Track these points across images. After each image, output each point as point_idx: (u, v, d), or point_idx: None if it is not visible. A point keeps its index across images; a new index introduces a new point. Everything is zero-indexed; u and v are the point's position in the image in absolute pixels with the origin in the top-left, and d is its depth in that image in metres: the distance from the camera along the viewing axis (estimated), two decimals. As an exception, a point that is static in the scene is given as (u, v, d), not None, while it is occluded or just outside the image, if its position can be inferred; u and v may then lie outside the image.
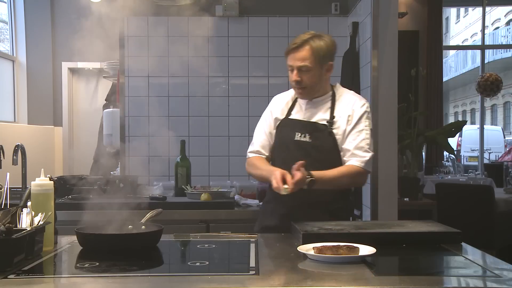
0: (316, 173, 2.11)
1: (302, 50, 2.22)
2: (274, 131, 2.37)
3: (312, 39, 2.24)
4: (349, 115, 2.27)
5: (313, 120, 2.30)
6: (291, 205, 2.21)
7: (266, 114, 2.43)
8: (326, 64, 2.28)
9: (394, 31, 3.83)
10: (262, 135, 2.40)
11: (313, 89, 2.28)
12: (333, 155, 2.25)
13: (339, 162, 2.26)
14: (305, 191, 2.09)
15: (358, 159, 2.22)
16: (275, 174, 2.06)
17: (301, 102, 2.36)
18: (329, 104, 2.31)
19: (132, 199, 2.54)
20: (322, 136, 2.26)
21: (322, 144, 2.25)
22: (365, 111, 2.31)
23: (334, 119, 2.27)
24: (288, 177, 2.04)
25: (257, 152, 2.39)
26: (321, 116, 2.30)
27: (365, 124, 2.28)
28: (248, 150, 2.43)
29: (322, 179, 2.12)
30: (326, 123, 2.27)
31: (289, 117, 2.34)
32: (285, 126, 2.33)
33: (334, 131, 2.26)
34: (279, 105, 2.40)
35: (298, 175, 2.02)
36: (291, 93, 2.41)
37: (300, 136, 2.27)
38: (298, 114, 2.34)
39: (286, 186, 2.01)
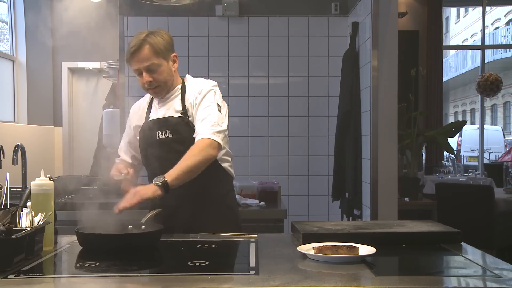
0: (167, 174, 2.04)
1: (143, 50, 2.19)
2: (137, 138, 2.36)
3: (149, 36, 2.21)
4: (196, 97, 2.26)
5: (168, 115, 2.28)
6: (173, 204, 2.19)
7: (127, 125, 2.46)
8: (170, 56, 2.27)
9: (394, 31, 3.83)
10: (126, 145, 2.43)
11: (166, 84, 2.27)
12: None
13: None
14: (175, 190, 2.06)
15: (205, 132, 2.14)
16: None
17: (154, 103, 2.35)
18: (180, 96, 2.30)
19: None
20: (181, 128, 2.24)
21: (184, 137, 2.22)
22: (211, 89, 2.28)
23: (186, 108, 2.26)
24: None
25: (122, 159, 2.42)
26: (175, 109, 2.28)
27: (211, 100, 2.24)
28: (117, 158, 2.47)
29: (173, 174, 2.04)
30: (181, 115, 2.26)
31: (148, 120, 2.33)
32: (146, 130, 2.30)
33: (190, 119, 2.25)
34: (136, 113, 2.42)
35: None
36: (146, 98, 2.41)
37: (162, 134, 2.25)
38: (154, 114, 2.33)
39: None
